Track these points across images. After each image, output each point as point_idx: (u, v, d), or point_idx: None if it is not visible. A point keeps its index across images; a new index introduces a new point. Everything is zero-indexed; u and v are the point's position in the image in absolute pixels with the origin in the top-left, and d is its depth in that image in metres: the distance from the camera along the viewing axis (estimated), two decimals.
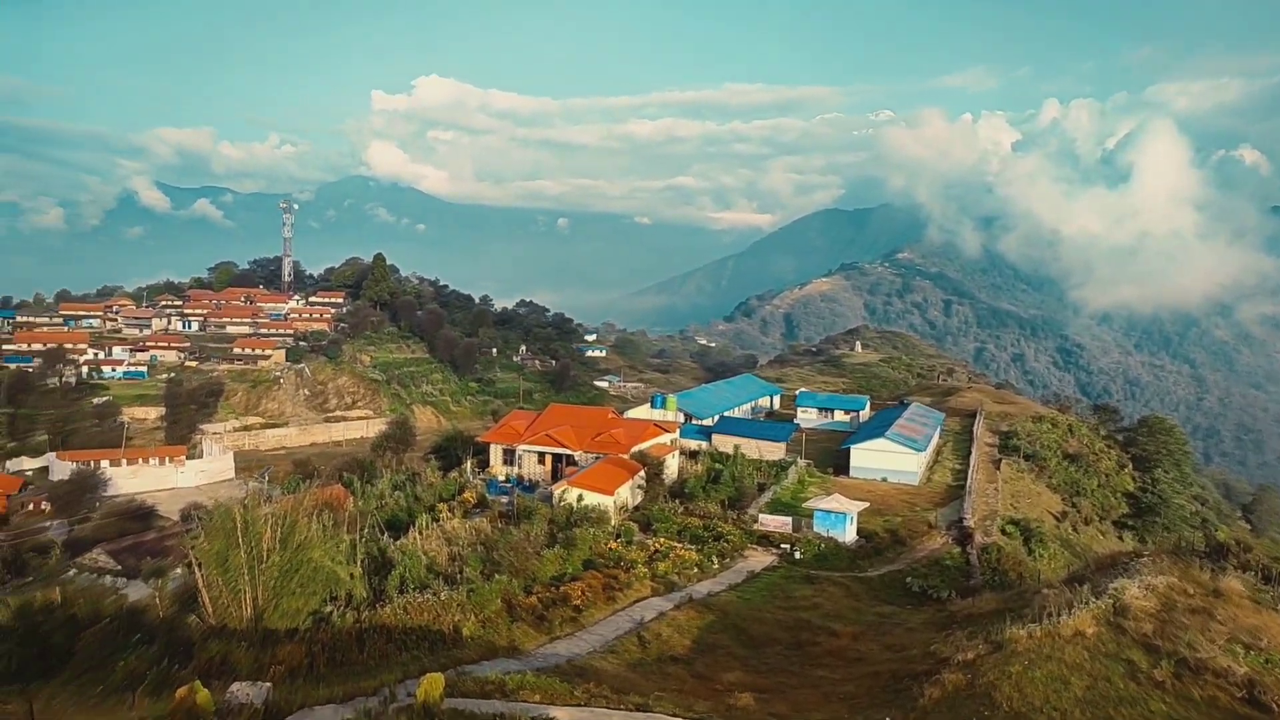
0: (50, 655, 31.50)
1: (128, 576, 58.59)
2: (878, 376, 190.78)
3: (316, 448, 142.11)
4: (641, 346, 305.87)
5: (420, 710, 19.62)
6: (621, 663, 33.44)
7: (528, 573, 42.57)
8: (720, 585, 46.37)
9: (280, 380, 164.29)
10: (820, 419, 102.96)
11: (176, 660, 28.94)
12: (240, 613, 31.59)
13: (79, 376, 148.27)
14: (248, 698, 21.63)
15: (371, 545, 43.06)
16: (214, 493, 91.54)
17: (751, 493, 64.98)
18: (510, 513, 56.06)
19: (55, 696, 27.67)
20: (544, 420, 75.60)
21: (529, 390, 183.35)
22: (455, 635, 33.62)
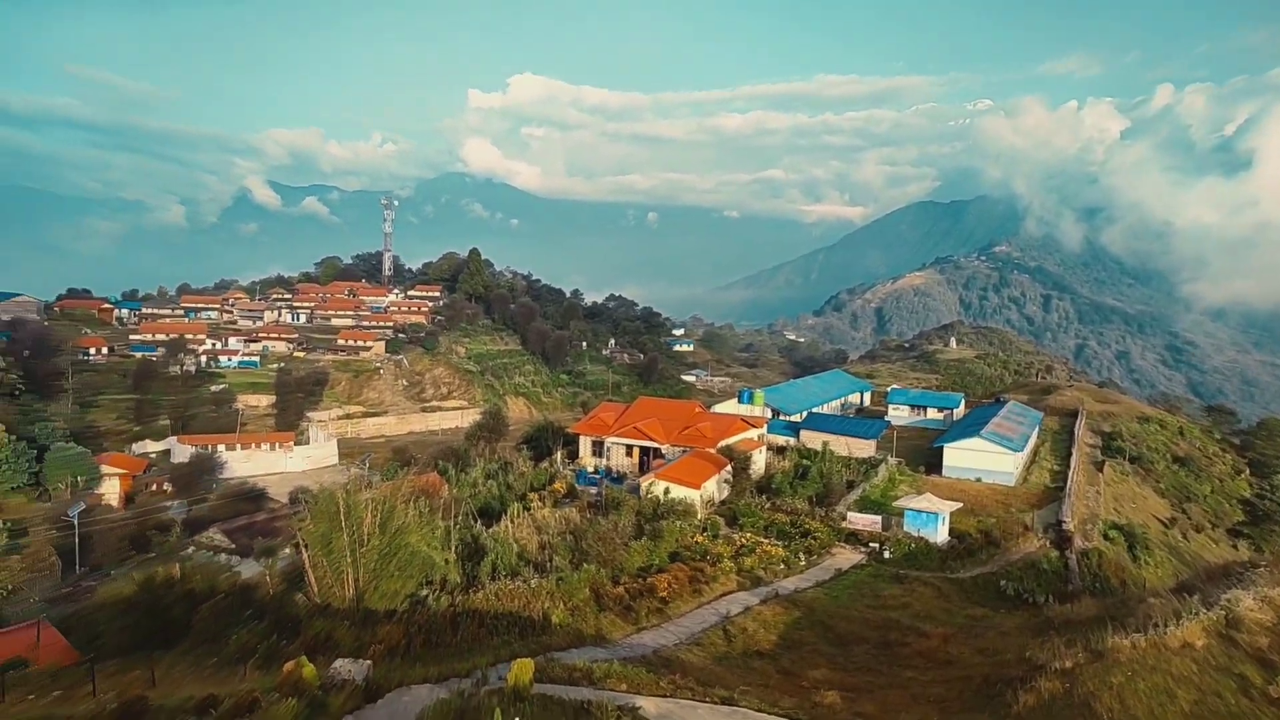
0: (170, 627, 33.64)
1: (241, 555, 61.75)
2: (972, 373, 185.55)
3: (414, 436, 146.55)
4: (729, 341, 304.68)
5: (511, 694, 20.05)
6: (707, 656, 33.71)
7: (615, 563, 43.26)
8: (807, 582, 46.16)
9: (380, 370, 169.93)
10: (912, 416, 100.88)
11: (284, 636, 30.47)
12: (343, 593, 33.12)
13: (198, 365, 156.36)
14: (349, 674, 22.74)
15: (465, 532, 44.44)
16: (319, 477, 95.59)
17: (840, 490, 64.32)
18: (599, 503, 56.96)
19: (174, 666, 29.41)
20: (632, 413, 76.30)
21: (617, 383, 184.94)
22: (544, 622, 34.43)
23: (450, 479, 69.36)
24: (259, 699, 20.32)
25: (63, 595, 54.40)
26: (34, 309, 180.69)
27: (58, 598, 52.83)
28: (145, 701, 20.15)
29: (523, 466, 75.22)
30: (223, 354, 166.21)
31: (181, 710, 20.05)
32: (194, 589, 35.05)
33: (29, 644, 32.99)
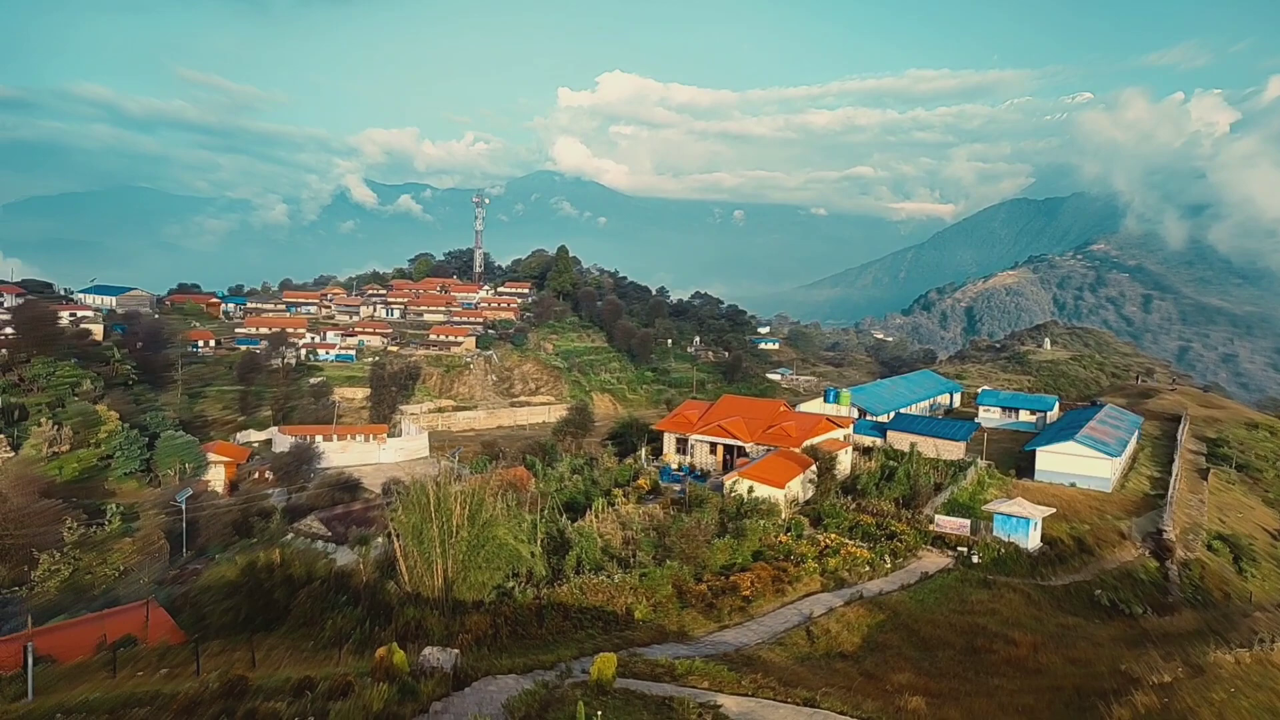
0: (271, 610, 35.04)
1: (336, 543, 63.90)
2: (1066, 375, 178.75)
3: (502, 430, 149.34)
4: (815, 339, 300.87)
5: (594, 687, 20.34)
6: (789, 655, 33.52)
7: (698, 560, 43.36)
8: (892, 585, 45.41)
9: (471, 366, 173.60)
10: (1003, 418, 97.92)
11: (377, 622, 31.48)
12: (432, 582, 34.05)
13: (298, 358, 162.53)
14: (438, 662, 23.36)
15: (551, 525, 45.17)
16: (411, 469, 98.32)
17: (927, 492, 62.94)
18: (682, 500, 57.10)
19: (274, 648, 30.54)
20: (716, 411, 76.19)
21: (702, 380, 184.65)
22: (628, 617, 34.76)
23: (537, 473, 70.55)
24: (353, 683, 21.04)
25: (171, 577, 57.16)
26: (147, 303, 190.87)
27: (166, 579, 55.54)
28: (246, 682, 20.99)
29: (608, 462, 75.97)
30: (321, 348, 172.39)
31: (280, 691, 20.83)
32: (293, 574, 36.39)
33: (139, 623, 34.53)
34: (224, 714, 18.56)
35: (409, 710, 20.00)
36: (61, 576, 51.55)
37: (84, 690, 22.37)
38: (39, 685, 22.74)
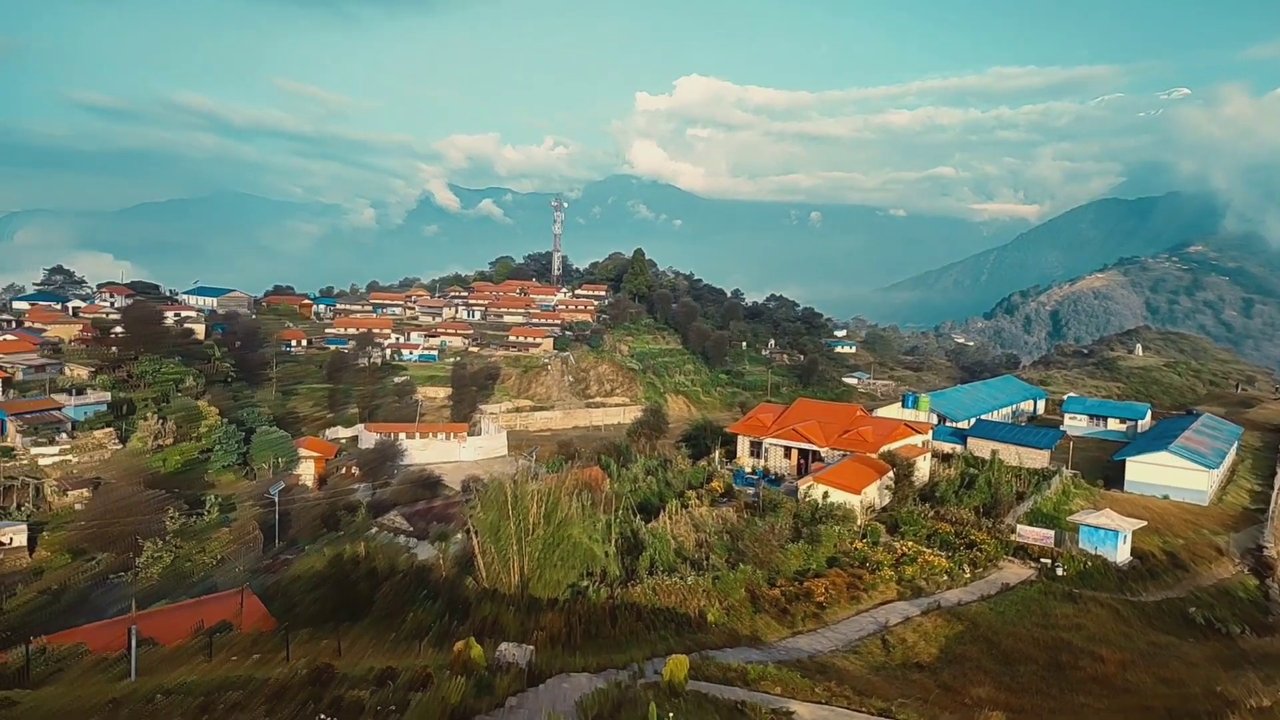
0: (356, 601, 36.29)
1: (417, 538, 65.61)
2: (1159, 383, 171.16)
3: (578, 430, 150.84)
4: (892, 343, 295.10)
5: (666, 689, 20.33)
6: (864, 664, 33.22)
7: (771, 565, 43.21)
8: (971, 595, 44.45)
9: (548, 367, 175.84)
10: (1090, 426, 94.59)
11: (455, 617, 32.28)
12: (509, 579, 34.78)
13: (383, 358, 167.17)
14: (513, 658, 23.86)
15: (624, 526, 45.54)
16: (489, 468, 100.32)
17: (1008, 501, 61.30)
18: (756, 504, 56.94)
19: (359, 638, 31.56)
20: (791, 414, 75.66)
21: (776, 384, 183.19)
22: (700, 620, 34.89)
23: (612, 474, 71.16)
24: (432, 675, 21.63)
25: (263, 567, 59.56)
26: (245, 304, 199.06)
27: (259, 569, 57.89)
28: (332, 670, 21.75)
29: (681, 464, 76.11)
30: (405, 348, 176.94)
31: (364, 680, 21.53)
32: (377, 567, 37.64)
33: (234, 610, 36.08)
34: (311, 700, 19.26)
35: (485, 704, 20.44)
36: (163, 563, 54.32)
37: (182, 673, 23.46)
38: (141, 667, 23.86)
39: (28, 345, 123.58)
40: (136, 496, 71.00)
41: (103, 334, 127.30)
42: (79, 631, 34.67)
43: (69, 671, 25.25)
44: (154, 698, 19.39)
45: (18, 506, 77.34)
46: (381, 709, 19.04)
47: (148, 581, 52.66)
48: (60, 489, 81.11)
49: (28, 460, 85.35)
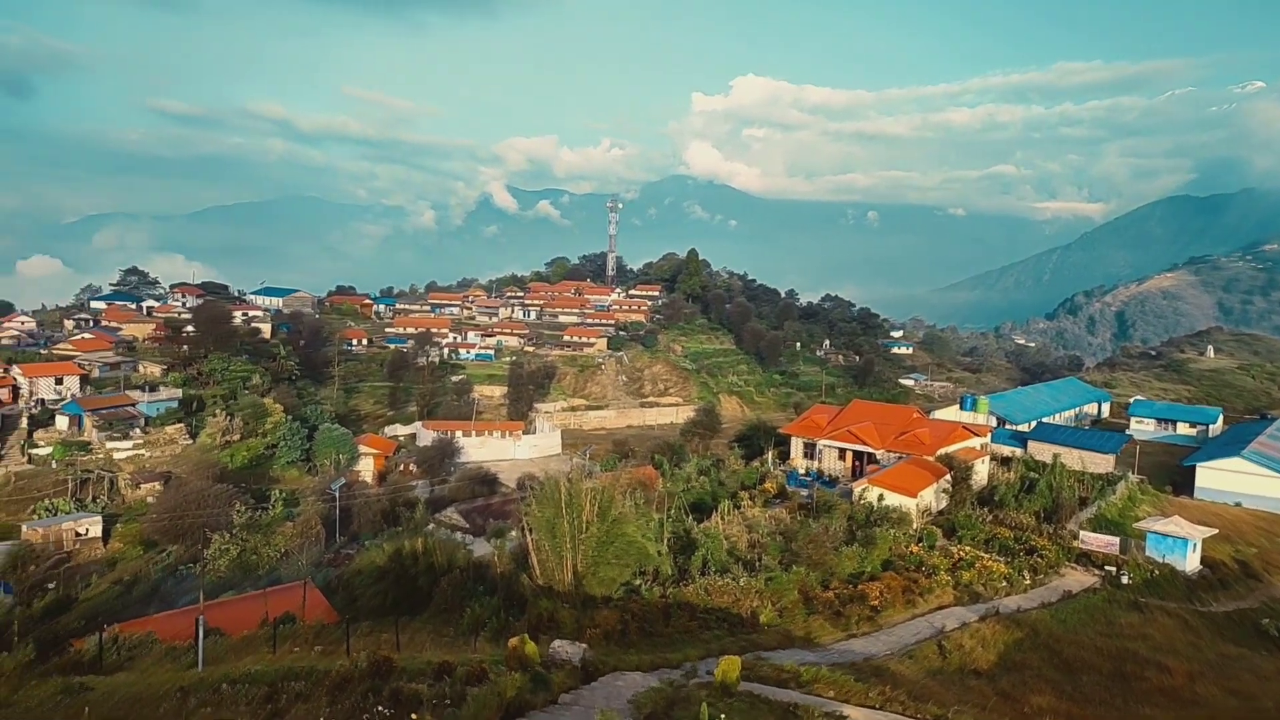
0: (415, 595, 37.04)
1: (474, 534, 66.61)
2: (1231, 386, 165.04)
3: (632, 430, 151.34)
4: (950, 344, 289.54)
5: (719, 688, 20.32)
6: (919, 669, 32.84)
7: (825, 567, 42.96)
8: (1031, 602, 43.62)
9: (602, 366, 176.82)
10: (1158, 431, 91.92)
11: (511, 612, 32.71)
12: (563, 576, 35.15)
13: (441, 357, 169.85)
14: (567, 655, 24.14)
15: (677, 525, 45.68)
16: (544, 465, 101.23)
17: (1070, 506, 59.91)
18: (810, 506, 56.59)
19: (417, 631, 32.23)
20: (846, 416, 75.00)
21: (831, 385, 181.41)
22: (753, 620, 34.87)
23: (665, 473, 71.36)
24: (488, 670, 22.03)
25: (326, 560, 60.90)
26: (309, 304, 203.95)
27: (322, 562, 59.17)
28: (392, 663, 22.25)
29: (735, 464, 76.02)
30: (462, 347, 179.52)
31: (422, 673, 21.97)
32: (435, 563, 38.32)
33: (298, 602, 36.97)
34: (371, 692, 19.75)
35: (540, 700, 20.71)
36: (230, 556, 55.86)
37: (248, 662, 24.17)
38: (209, 656, 24.67)
39: (104, 343, 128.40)
40: (206, 491, 73.36)
41: (175, 333, 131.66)
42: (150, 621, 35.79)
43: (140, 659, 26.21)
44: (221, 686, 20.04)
45: (94, 499, 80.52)
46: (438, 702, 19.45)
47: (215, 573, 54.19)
48: (133, 483, 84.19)
49: (103, 454, 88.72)
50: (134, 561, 64.80)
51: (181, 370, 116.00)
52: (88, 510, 76.59)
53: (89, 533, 71.99)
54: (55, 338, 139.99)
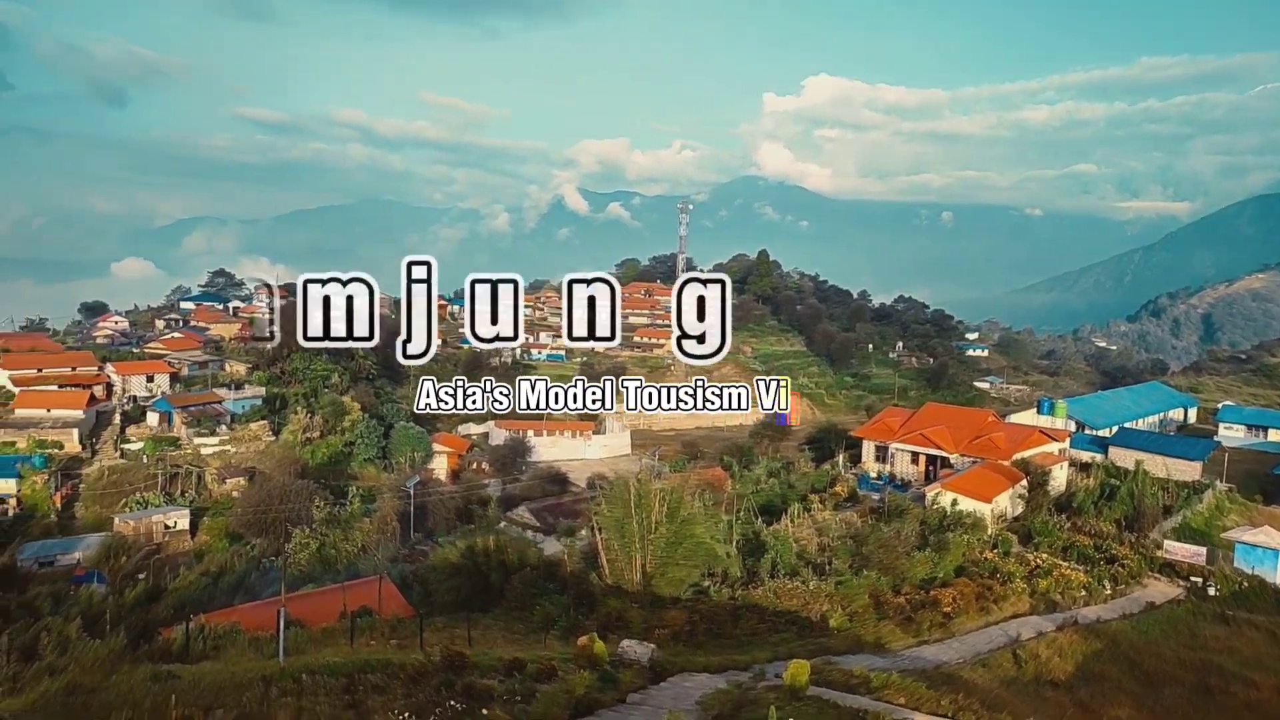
0: (487, 592, 37.78)
1: (544, 533, 67.46)
2: None
3: (701, 431, 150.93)
4: (1027, 347, 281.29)
5: (787, 692, 20.38)
6: (993, 678, 32.24)
7: (897, 572, 42.43)
8: (1111, 612, 42.35)
9: (671, 367, 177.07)
10: (1248, 437, 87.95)
11: (581, 611, 33.17)
12: (632, 576, 35.50)
13: (514, 357, 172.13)
14: (635, 654, 24.42)
15: (746, 527, 45.70)
16: (614, 466, 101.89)
17: (1153, 514, 57.88)
18: (881, 510, 55.89)
19: (489, 627, 32.87)
20: (919, 419, 73.82)
21: (904, 387, 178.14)
22: (822, 624, 34.65)
23: (734, 474, 71.34)
24: (557, 667, 22.44)
25: (401, 556, 62.49)
26: (386, 304, 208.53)
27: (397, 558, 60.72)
28: (464, 658, 22.79)
29: (805, 467, 75.52)
30: (534, 348, 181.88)
31: (494, 669, 22.43)
32: (507, 560, 39.03)
33: (374, 596, 38.13)
34: (444, 686, 20.27)
35: (609, 698, 20.96)
36: (311, 550, 57.77)
37: (327, 654, 24.98)
38: (290, 646, 25.51)
39: (193, 343, 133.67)
40: (288, 486, 75.88)
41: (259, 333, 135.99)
42: (234, 611, 37.15)
43: (225, 649, 27.22)
44: (301, 677, 20.70)
45: (182, 493, 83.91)
46: (509, 698, 19.85)
47: (296, 566, 56.04)
48: (219, 478, 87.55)
49: (191, 450, 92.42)
50: (220, 554, 67.23)
51: (265, 369, 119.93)
52: (176, 504, 79.79)
53: (177, 525, 75.07)
54: (147, 337, 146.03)
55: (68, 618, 41.02)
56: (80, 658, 23.30)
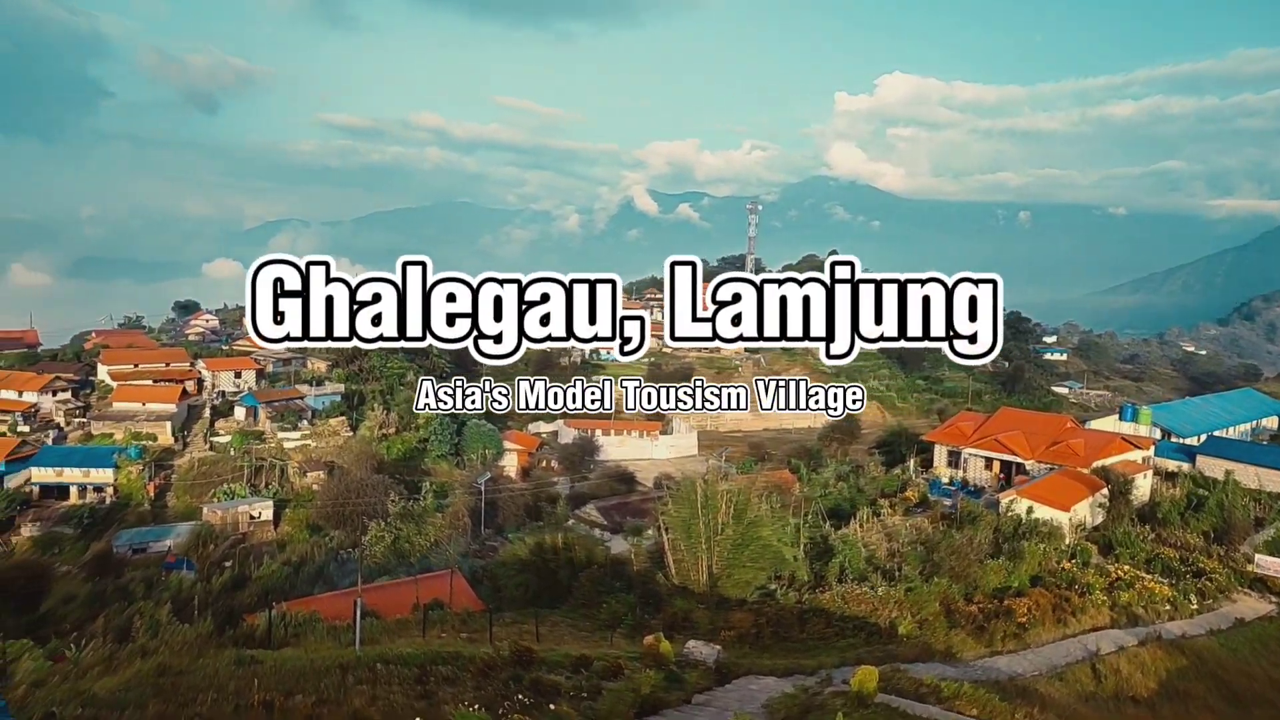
0: (555, 588, 38.34)
1: (612, 531, 68.01)
2: None
3: (768, 432, 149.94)
4: (1109, 350, 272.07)
5: (854, 698, 20.10)
6: (1070, 692, 31.42)
7: (969, 580, 41.57)
8: (1197, 628, 40.77)
9: (739, 368, 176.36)
10: None
11: (647, 610, 33.44)
12: (698, 576, 35.62)
13: (583, 356, 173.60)
14: (701, 655, 24.52)
15: (814, 530, 45.26)
16: (681, 466, 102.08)
17: (1245, 527, 55.39)
18: (953, 516, 54.81)
19: (557, 624, 33.37)
20: (993, 424, 72.11)
21: (978, 391, 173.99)
22: (891, 631, 34.16)
23: (802, 477, 70.75)
24: (624, 665, 22.69)
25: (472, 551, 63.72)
26: None
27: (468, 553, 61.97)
28: (532, 653, 23.19)
29: (874, 471, 74.43)
30: (603, 347, 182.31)
31: (561, 665, 22.79)
32: (574, 558, 39.54)
33: (445, 590, 39.03)
34: (513, 680, 20.67)
35: (674, 698, 21.08)
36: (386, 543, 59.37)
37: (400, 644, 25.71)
38: (365, 636, 26.31)
39: None
40: (365, 480, 78.19)
41: None
42: (314, 600, 38.39)
43: (305, 636, 28.18)
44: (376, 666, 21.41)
45: (265, 485, 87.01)
46: (576, 694, 20.14)
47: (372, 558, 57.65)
48: (301, 471, 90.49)
49: (275, 444, 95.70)
50: (301, 544, 69.50)
51: (345, 367, 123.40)
52: (260, 495, 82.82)
53: (261, 516, 77.91)
54: (235, 335, 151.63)
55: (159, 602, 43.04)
56: (170, 640, 24.44)
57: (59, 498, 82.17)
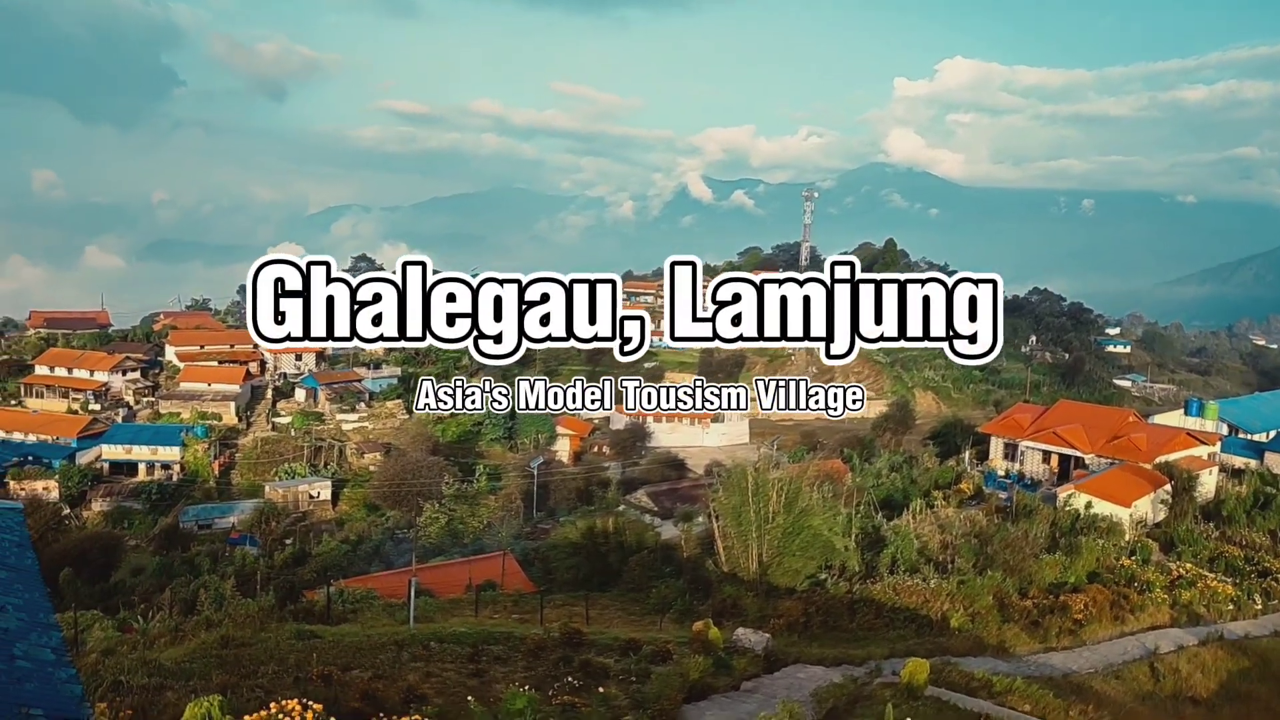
0: (605, 572, 38.76)
1: (662, 517, 68.30)
2: None
3: (820, 421, 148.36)
4: (1175, 343, 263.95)
5: (904, 690, 20.15)
6: (1127, 691, 30.84)
7: (1024, 574, 40.96)
8: (1262, 629, 39.65)
9: (792, 357, 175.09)
10: None
11: (696, 596, 33.59)
12: (748, 564, 35.69)
13: None
14: (749, 643, 24.61)
15: (865, 521, 44.99)
16: (732, 454, 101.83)
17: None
18: (1008, 509, 54.01)
19: (606, 607, 33.78)
20: (1051, 416, 70.70)
21: (1036, 383, 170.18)
22: (942, 624, 33.82)
23: (854, 467, 70.23)
24: (672, 650, 22.93)
25: (524, 534, 64.65)
26: None
27: (520, 535, 62.90)
28: (582, 635, 23.60)
29: (928, 462, 73.56)
30: (655, 334, 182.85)
31: (610, 648, 23.14)
32: (625, 542, 39.90)
33: (498, 571, 39.76)
34: (563, 661, 21.09)
35: (722, 684, 21.29)
36: (440, 524, 60.57)
37: (454, 623, 26.35)
38: (419, 614, 27.01)
39: None
40: (421, 462, 79.78)
41: None
42: (371, 578, 39.48)
43: (362, 612, 29.07)
44: (430, 643, 22.04)
45: (325, 465, 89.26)
46: (625, 677, 20.48)
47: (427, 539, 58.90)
48: (359, 452, 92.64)
49: (334, 425, 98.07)
50: (359, 523, 71.32)
51: (401, 350, 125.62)
52: (320, 475, 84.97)
53: (321, 495, 79.98)
54: None
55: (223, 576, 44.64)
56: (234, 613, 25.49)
57: (128, 474, 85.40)
